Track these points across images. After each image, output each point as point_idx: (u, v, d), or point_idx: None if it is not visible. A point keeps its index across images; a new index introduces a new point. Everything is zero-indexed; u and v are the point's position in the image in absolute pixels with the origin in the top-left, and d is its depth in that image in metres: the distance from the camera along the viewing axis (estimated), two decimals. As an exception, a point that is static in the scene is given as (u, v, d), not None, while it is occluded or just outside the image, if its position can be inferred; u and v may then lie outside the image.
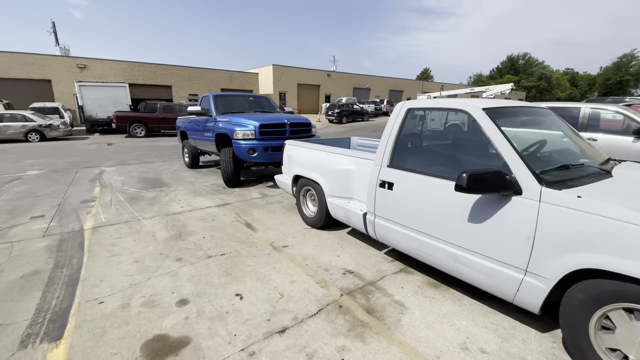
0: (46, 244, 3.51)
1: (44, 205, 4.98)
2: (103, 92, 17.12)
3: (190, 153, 7.93)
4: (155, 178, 6.97)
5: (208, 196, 5.48)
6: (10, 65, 19.90)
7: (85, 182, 6.52)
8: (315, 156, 3.70)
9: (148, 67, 24.10)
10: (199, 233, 3.81)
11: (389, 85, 41.37)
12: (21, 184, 6.39)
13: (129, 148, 12.11)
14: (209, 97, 6.87)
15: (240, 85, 28.44)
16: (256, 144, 5.47)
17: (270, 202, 5.11)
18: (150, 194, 5.58)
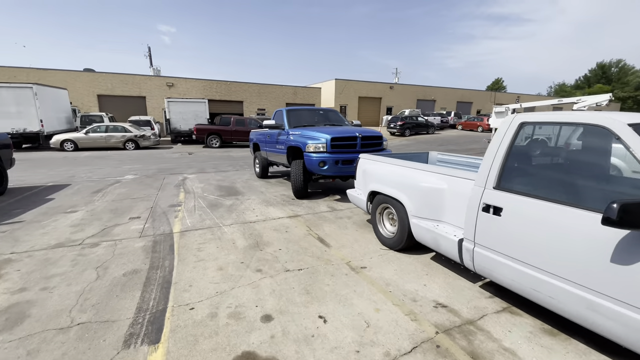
0: (142, 244, 3.84)
1: (139, 207, 5.56)
2: (186, 107, 19.18)
3: (261, 164, 8.29)
4: (230, 186, 7.39)
5: (279, 206, 5.58)
6: (114, 85, 23.58)
7: (172, 188, 7.19)
8: (397, 172, 3.48)
9: (223, 84, 26.46)
10: (274, 244, 3.83)
11: (456, 96, 39.12)
12: (121, 187, 7.30)
13: (206, 157, 13.22)
14: (282, 111, 7.13)
15: (304, 100, 29.51)
16: (327, 156, 5.44)
17: (339, 217, 4.99)
18: (227, 202, 5.90)
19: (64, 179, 8.41)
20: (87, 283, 2.89)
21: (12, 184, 7.64)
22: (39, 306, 2.52)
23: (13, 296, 2.67)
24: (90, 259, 3.41)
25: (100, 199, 6.15)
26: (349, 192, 4.52)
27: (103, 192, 6.82)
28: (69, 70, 22.58)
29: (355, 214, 5.15)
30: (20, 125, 14.91)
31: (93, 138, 15.55)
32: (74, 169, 10.06)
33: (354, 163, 5.51)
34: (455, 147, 17.42)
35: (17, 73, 20.67)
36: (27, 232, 4.30)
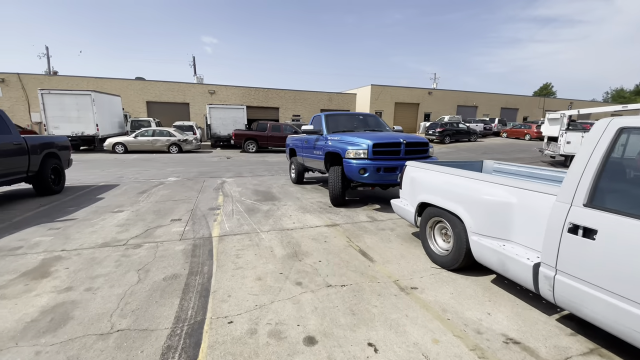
0: (182, 247, 3.82)
1: (180, 209, 5.65)
2: (226, 113, 19.86)
3: (297, 170, 8.19)
4: (267, 191, 7.35)
5: (316, 214, 5.39)
6: (161, 92, 25.09)
7: (211, 191, 7.30)
8: (453, 182, 3.13)
9: (261, 91, 27.17)
10: (313, 255, 3.62)
11: (500, 102, 36.94)
12: (164, 189, 7.55)
13: (244, 162, 13.48)
14: (320, 116, 6.98)
15: (338, 106, 29.43)
16: (368, 163, 5.17)
17: (381, 228, 4.68)
18: (264, 207, 5.82)
19: (113, 179, 8.91)
20: (129, 286, 2.86)
21: (69, 182, 8.21)
22: (82, 308, 2.51)
23: (60, 295, 2.70)
24: (132, 261, 3.43)
25: (144, 200, 6.36)
26: (393, 202, 4.21)
27: (147, 193, 7.07)
28: (123, 79, 24.44)
29: (398, 225, 4.81)
30: (79, 129, 16.26)
31: (141, 141, 16.54)
32: (123, 170, 10.67)
33: (397, 171, 5.19)
34: (501, 156, 16.28)
35: (78, 81, 22.74)
36: (78, 229, 4.48)
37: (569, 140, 12.51)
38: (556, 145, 13.04)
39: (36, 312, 2.46)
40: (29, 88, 22.21)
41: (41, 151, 6.55)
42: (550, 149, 13.59)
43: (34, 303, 2.58)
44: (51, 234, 4.26)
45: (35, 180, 6.56)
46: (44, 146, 6.70)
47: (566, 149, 12.59)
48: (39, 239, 4.08)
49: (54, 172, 7.00)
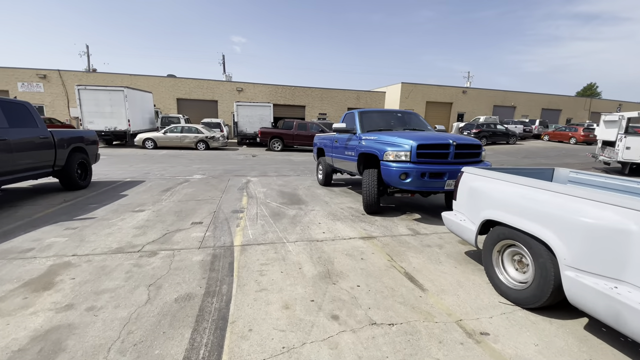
0: (201, 258, 3.39)
1: (203, 210, 5.28)
2: (253, 110, 19.70)
3: (325, 171, 7.66)
4: (293, 193, 6.87)
5: (348, 222, 4.81)
6: (191, 89, 25.46)
7: (235, 191, 6.92)
8: (536, 198, 2.44)
9: (287, 89, 26.90)
10: (350, 276, 3.06)
11: (541, 102, 34.46)
12: (188, 187, 7.27)
13: (269, 161, 13.15)
14: (353, 113, 6.39)
15: (367, 104, 28.60)
16: (411, 167, 4.52)
17: (426, 244, 4.02)
18: (290, 211, 5.33)
19: (140, 175, 8.80)
20: (136, 307, 2.44)
21: (97, 177, 8.17)
22: (79, 335, 2.11)
23: (57, 315, 2.32)
24: (144, 273, 3.03)
25: (167, 199, 6.08)
26: (445, 215, 3.55)
27: (171, 191, 6.81)
28: (155, 76, 25.03)
29: (446, 241, 4.14)
30: (112, 124, 16.67)
31: (170, 138, 16.70)
32: (150, 166, 10.63)
33: (444, 177, 4.51)
34: (545, 161, 14.90)
35: (114, 78, 23.52)
36: (94, 230, 4.19)
37: (628, 145, 11.08)
38: (613, 151, 11.63)
39: (27, 337, 2.08)
40: (68, 84, 23.26)
41: (68, 145, 6.45)
42: (605, 154, 12.15)
43: (28, 324, 2.21)
44: (67, 235, 3.99)
45: (61, 174, 6.47)
46: (71, 140, 6.60)
47: (625, 155, 11.16)
48: (53, 239, 3.82)
49: (80, 166, 6.90)
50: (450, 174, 4.58)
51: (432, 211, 5.67)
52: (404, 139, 4.74)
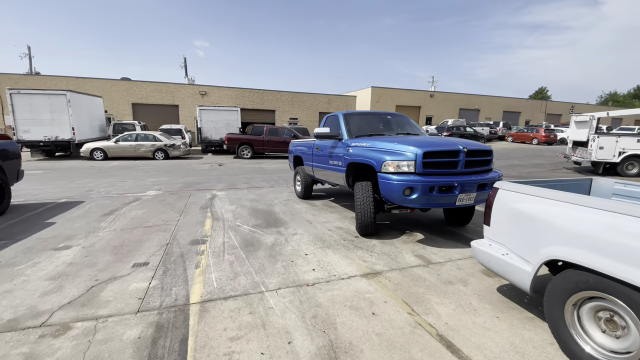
0: (137, 333, 2.25)
1: (152, 243, 4.08)
2: (218, 115, 18.25)
3: (304, 182, 6.67)
4: (268, 211, 5.80)
5: (341, 251, 3.86)
6: (149, 93, 23.37)
7: (197, 211, 5.72)
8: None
9: (256, 92, 25.61)
10: (364, 351, 2.08)
11: (502, 105, 35.99)
12: (138, 208, 5.95)
13: (237, 170, 11.89)
14: (337, 116, 5.48)
15: (338, 108, 28.03)
16: (417, 180, 3.66)
17: (447, 280, 3.16)
18: (267, 238, 4.27)
19: (80, 193, 7.26)
20: None
21: (22, 199, 6.55)
22: None
23: None
24: (36, 375, 1.85)
25: (107, 227, 4.77)
26: (477, 247, 2.71)
27: (115, 214, 5.47)
28: (107, 79, 22.67)
29: (467, 272, 3.31)
30: (53, 133, 14.49)
31: (122, 147, 14.84)
32: (96, 181, 9.00)
33: (454, 191, 3.70)
34: (517, 162, 14.99)
35: (58, 81, 20.92)
36: (-18, 288, 2.88)
37: (601, 145, 11.23)
38: (586, 151, 11.78)
39: None
40: (2, 88, 20.30)
41: (-33, 162, 4.92)
42: (578, 154, 12.30)
43: None
44: None
45: (-41, 201, 4.92)
46: (-27, 156, 5.06)
47: (598, 155, 11.31)
48: None
49: (-11, 189, 5.35)
50: (462, 186, 3.79)
51: (434, 228, 4.88)
52: (405, 146, 3.89)
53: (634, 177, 10.88)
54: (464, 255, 3.77)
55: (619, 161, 11.06)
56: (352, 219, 5.34)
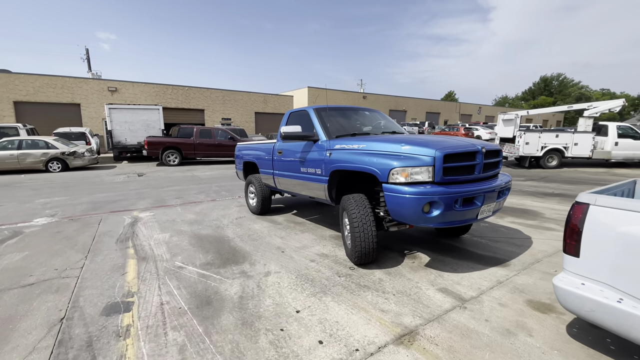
0: None
1: (33, 321, 2.40)
2: (134, 115, 15.33)
3: (260, 194, 5.37)
4: (218, 237, 4.37)
5: (344, 297, 2.77)
6: (37, 89, 18.74)
7: (112, 247, 3.99)
8: None
9: (181, 89, 22.66)
10: None
11: (425, 107, 38.96)
12: (16, 248, 3.94)
13: (164, 180, 9.79)
14: (307, 111, 4.35)
15: (275, 109, 26.67)
16: (439, 192, 2.77)
17: (506, 330, 2.32)
18: (229, 287, 2.93)
19: None
20: None
21: None
22: None
23: None
24: None
25: (-58, 297, 2.82)
26: (565, 287, 1.91)
27: (-34, 267, 3.43)
28: (-29, 70, 17.40)
29: (516, 311, 2.53)
30: None
31: (1, 158, 11.23)
32: (-57, 209, 6.20)
33: (475, 202, 2.93)
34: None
35: None
36: None
37: (527, 141, 12.30)
38: (513, 147, 12.80)
39: None
40: None
41: None
42: (506, 150, 13.32)
43: None
44: None
45: None
46: None
47: (525, 150, 12.35)
48: None
49: None
50: (485, 196, 3.05)
51: (429, 243, 4.11)
52: (417, 147, 2.97)
53: (553, 169, 12.15)
54: (489, 280, 3.02)
55: (541, 155, 12.22)
56: (332, 238, 4.28)
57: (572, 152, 12.00)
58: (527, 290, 2.85)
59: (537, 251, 3.78)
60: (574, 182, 8.97)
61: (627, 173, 10.84)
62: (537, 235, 4.35)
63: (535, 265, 3.39)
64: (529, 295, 2.77)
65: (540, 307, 2.59)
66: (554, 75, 63.59)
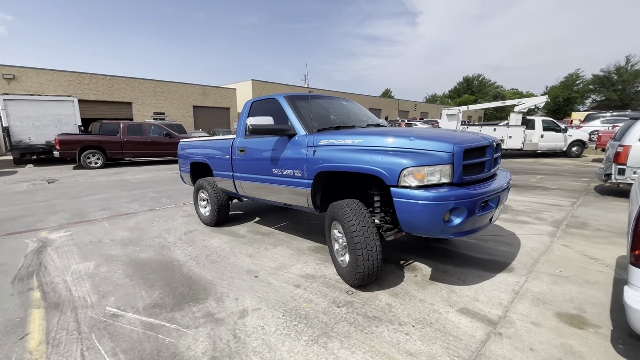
0: None
1: None
2: (41, 108, 12.58)
3: (216, 202, 4.44)
4: (165, 262, 3.38)
5: (355, 338, 2.13)
6: None
7: (5, 292, 2.76)
8: None
9: (102, 79, 19.52)
10: None
11: (368, 103, 40.05)
12: None
13: (85, 187, 8.01)
14: (277, 100, 3.57)
15: (216, 102, 24.69)
16: (464, 196, 2.29)
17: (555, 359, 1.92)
18: (194, 346, 2.07)
19: None
20: None
21: None
22: None
23: None
24: None
25: None
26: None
27: None
28: None
29: (552, 330, 2.16)
30: None
31: None
32: None
33: (490, 204, 2.55)
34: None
35: None
36: None
37: (470, 134, 13.05)
38: (458, 140, 13.51)
39: None
40: None
41: None
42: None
43: None
44: None
45: None
46: None
47: (468, 143, 13.11)
48: None
49: None
50: (500, 196, 2.67)
51: (421, 248, 3.69)
52: (431, 142, 2.44)
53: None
54: (505, 292, 2.67)
55: (483, 148, 13.09)
56: (312, 252, 3.60)
57: (507, 145, 13.03)
58: (548, 301, 2.53)
59: (530, 249, 3.59)
60: (515, 172, 9.59)
61: (553, 162, 12.10)
62: (519, 231, 4.23)
63: (537, 267, 3.16)
64: (554, 306, 2.45)
65: (573, 321, 2.27)
66: (475, 76, 70.85)
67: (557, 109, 59.23)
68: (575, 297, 2.58)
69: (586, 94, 54.43)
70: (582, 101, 57.90)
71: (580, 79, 55.65)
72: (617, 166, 5.49)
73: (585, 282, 2.82)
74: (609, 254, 3.42)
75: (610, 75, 45.50)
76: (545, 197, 6.16)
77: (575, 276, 2.93)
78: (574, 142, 13.28)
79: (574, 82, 56.72)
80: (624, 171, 5.42)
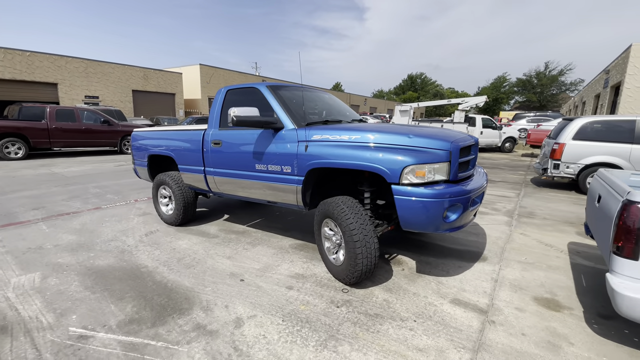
0: None
1: None
2: None
3: (182, 199, 4.06)
4: (130, 268, 3.00)
5: (365, 339, 2.10)
6: None
7: None
8: None
9: (18, 55, 16.57)
10: None
11: (321, 95, 40.20)
12: None
13: (6, 182, 6.77)
14: (258, 89, 3.33)
15: (159, 87, 22.61)
16: (461, 192, 2.37)
17: (557, 347, 2.10)
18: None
19: None
20: None
21: None
22: None
23: None
24: None
25: None
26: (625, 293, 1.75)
27: None
28: None
29: (539, 315, 2.37)
30: None
31: None
32: None
33: (476, 200, 2.72)
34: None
35: None
36: None
37: (421, 129, 13.85)
38: (410, 135, 14.25)
39: None
40: None
41: None
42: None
43: None
44: None
45: None
46: None
47: (420, 138, 13.92)
48: None
49: None
50: (482, 193, 2.83)
51: (400, 241, 3.80)
52: (429, 139, 2.47)
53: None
54: (486, 280, 2.87)
55: (432, 142, 14.00)
56: (295, 250, 3.49)
57: (453, 140, 14.10)
58: (524, 286, 2.78)
59: (495, 238, 3.92)
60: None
61: (490, 156, 13.42)
62: (480, 221, 4.59)
63: (505, 254, 3.45)
64: (529, 291, 2.70)
65: (549, 304, 2.52)
66: (417, 74, 75.25)
67: (487, 108, 65.75)
68: (544, 281, 2.87)
69: (511, 94, 61.07)
70: (507, 101, 65.06)
71: (507, 81, 62.30)
72: (553, 161, 6.25)
73: (548, 267, 3.16)
74: (560, 240, 3.88)
75: (531, 79, 51.68)
76: (493, 189, 6.78)
77: (539, 262, 3.26)
78: (507, 138, 14.88)
79: (502, 83, 63.34)
80: (559, 165, 6.19)
